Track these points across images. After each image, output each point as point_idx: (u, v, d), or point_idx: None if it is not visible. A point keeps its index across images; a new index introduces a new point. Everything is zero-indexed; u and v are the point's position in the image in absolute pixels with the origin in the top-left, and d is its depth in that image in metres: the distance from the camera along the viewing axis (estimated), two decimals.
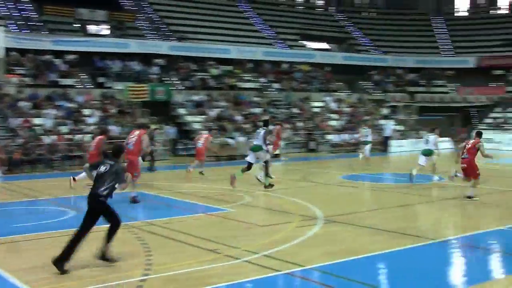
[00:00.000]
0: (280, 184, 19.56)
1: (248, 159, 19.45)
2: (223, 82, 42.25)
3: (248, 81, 44.33)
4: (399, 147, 38.29)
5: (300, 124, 39.31)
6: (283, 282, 8.97)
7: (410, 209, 15.53)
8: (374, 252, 10.45)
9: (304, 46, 54.12)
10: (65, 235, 10.22)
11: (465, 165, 17.01)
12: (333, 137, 38.59)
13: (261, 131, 19.30)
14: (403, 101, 50.20)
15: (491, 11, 66.59)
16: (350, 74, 51.08)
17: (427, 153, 21.27)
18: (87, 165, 17.94)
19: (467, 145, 17.26)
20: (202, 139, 23.03)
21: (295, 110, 41.81)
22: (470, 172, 16.98)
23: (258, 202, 16.36)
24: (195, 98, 38.72)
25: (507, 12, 65.17)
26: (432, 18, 63.38)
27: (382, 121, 41.39)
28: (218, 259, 9.97)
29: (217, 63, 44.30)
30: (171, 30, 46.89)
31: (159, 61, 41.90)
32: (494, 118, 48.08)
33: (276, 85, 45.14)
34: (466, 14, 66.59)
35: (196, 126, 35.49)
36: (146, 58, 41.37)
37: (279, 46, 51.21)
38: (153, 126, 27.63)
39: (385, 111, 46.00)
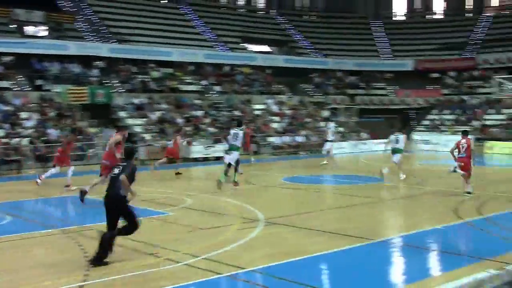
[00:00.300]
0: (224, 187, 19.44)
1: (226, 160, 20.06)
2: (164, 85, 41.91)
3: (190, 83, 44.10)
4: (340, 149, 38.65)
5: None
6: (224, 285, 8.90)
7: (351, 210, 15.67)
8: (315, 253, 10.47)
9: (245, 48, 54.21)
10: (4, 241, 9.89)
11: (463, 163, 17.97)
12: (274, 139, 38.74)
13: (239, 132, 19.61)
14: (343, 104, 50.83)
15: (427, 16, 68.21)
16: (291, 76, 51.42)
17: (398, 151, 22.40)
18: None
19: (460, 145, 18.18)
20: (173, 140, 23.57)
21: (236, 113, 41.78)
22: (466, 168, 18.03)
23: (199, 205, 16.23)
24: (136, 101, 38.28)
25: (442, 17, 66.87)
26: (371, 22, 64.41)
27: (323, 123, 41.71)
28: (158, 263, 9.82)
29: (158, 66, 43.92)
30: (111, 32, 46.25)
31: (99, 63, 41.27)
32: (431, 120, 49.15)
33: (217, 88, 45.05)
34: (403, 18, 68.01)
35: (137, 129, 35.07)
36: (86, 60, 40.66)
37: (221, 49, 51.14)
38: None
39: (325, 113, 46.45)
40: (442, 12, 67.36)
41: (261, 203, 16.42)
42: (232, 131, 19.89)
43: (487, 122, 45.35)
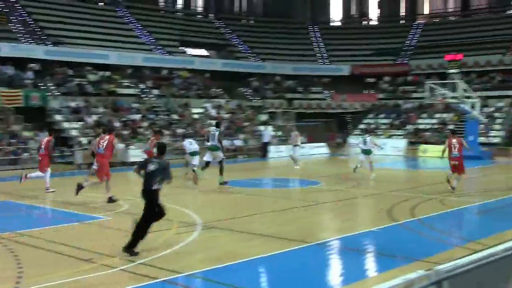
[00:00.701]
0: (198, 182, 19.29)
1: (205, 158, 21.45)
2: (101, 88, 41.29)
3: (127, 87, 43.58)
4: (278, 153, 38.93)
5: (179, 130, 39.06)
6: None
7: (288, 213, 15.75)
8: (252, 256, 10.48)
9: (183, 52, 53.96)
10: None
11: (457, 162, 19.27)
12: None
13: (215, 132, 21.06)
14: (281, 108, 51.16)
15: (363, 22, 69.47)
16: (229, 80, 51.48)
17: (367, 152, 24.33)
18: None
19: (452, 145, 19.44)
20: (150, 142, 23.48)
21: (174, 116, 41.54)
22: (461, 168, 19.46)
23: (136, 210, 15.99)
24: (72, 104, 37.57)
25: (377, 23, 68.22)
26: (309, 27, 65.09)
27: (261, 127, 41.94)
28: (94, 268, 9.63)
29: (95, 69, 43.22)
30: (46, 34, 45.27)
31: (34, 65, 40.31)
32: (367, 123, 49.99)
33: (155, 91, 44.67)
34: (340, 24, 69.05)
35: (74, 133, 34.43)
36: (20, 63, 39.64)
37: (159, 52, 50.76)
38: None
39: (263, 117, 46.67)
40: (377, 18, 68.74)
41: (199, 207, 16.36)
42: (210, 133, 21.13)
43: (420, 126, 46.48)
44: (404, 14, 67.88)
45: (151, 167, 10.81)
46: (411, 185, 22.60)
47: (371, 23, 69.05)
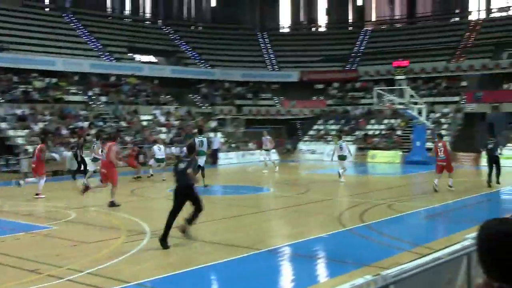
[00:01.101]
0: (107, 199, 19.03)
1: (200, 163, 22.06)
2: (48, 95, 40.59)
3: (75, 94, 42.96)
4: (227, 160, 38.92)
5: (128, 137, 38.72)
6: None
7: (238, 220, 15.76)
8: (202, 264, 10.44)
9: (132, 59, 53.55)
10: None
11: (445, 163, 21.11)
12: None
13: (203, 139, 22.53)
14: (230, 114, 51.22)
15: (311, 29, 70.15)
16: (178, 87, 51.30)
17: (343, 158, 25.51)
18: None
19: (438, 148, 21.28)
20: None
21: (123, 124, 41.13)
22: (449, 167, 21.38)
23: (84, 219, 15.78)
24: (18, 111, 36.80)
25: (325, 29, 68.97)
26: (258, 34, 65.35)
27: (211, 134, 41.86)
28: (40, 279, 9.43)
29: (41, 75, 42.48)
30: None
31: None
32: (317, 130, 50.40)
33: (103, 98, 44.15)
34: (288, 30, 69.57)
35: (19, 141, 33.73)
36: None
37: (107, 59, 50.22)
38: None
39: (213, 124, 46.59)
40: (325, 25, 69.49)
41: (147, 216, 16.22)
42: (197, 140, 21.85)
43: (369, 132, 47.09)
44: (352, 21, 68.83)
45: (182, 165, 12.29)
46: (361, 191, 22.87)
47: (319, 29, 69.78)
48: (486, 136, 25.18)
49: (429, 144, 39.37)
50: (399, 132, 45.50)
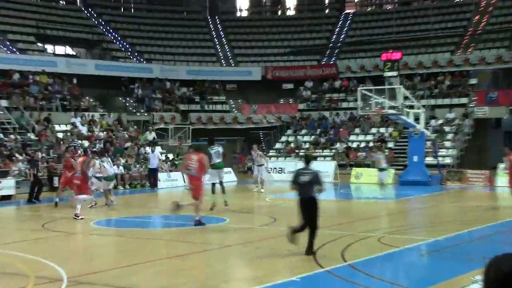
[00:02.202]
0: (10, 236, 18.81)
1: (210, 180, 25.44)
2: None
3: None
4: (170, 182, 38.63)
5: (39, 154, 38.23)
6: None
7: (184, 260, 15.64)
8: None
9: (42, 50, 53.08)
10: None
11: None
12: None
13: (219, 149, 25.70)
14: (173, 123, 51.02)
15: (278, 12, 70.42)
16: (105, 88, 51.03)
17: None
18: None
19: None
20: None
21: (31, 136, 40.61)
22: None
23: None
24: None
25: (293, 13, 69.22)
26: (208, 19, 65.34)
27: (147, 149, 41.61)
28: None
29: None
30: None
31: None
32: (286, 142, 50.43)
33: (3, 102, 43.60)
34: (247, 15, 69.62)
35: None
36: None
37: (8, 50, 49.67)
38: None
39: (150, 136, 46.27)
40: (295, 8, 69.79)
41: (64, 257, 16.00)
42: (212, 151, 25.05)
43: (353, 145, 47.35)
44: (329, 2, 69.27)
45: (305, 178, 15.25)
46: (342, 220, 22.93)
47: (288, 13, 70.15)
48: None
49: (429, 160, 39.75)
50: (390, 145, 45.94)
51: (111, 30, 59.97)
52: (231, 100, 56.89)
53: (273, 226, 21.20)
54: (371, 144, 46.16)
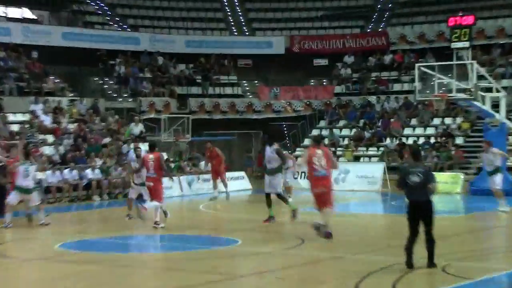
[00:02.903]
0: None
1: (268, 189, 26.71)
2: None
3: None
4: (164, 190, 38.51)
5: None
6: None
7: None
8: None
9: None
10: None
11: None
12: (46, 176, 37.88)
13: (272, 147, 26.61)
14: (167, 111, 50.97)
15: None
16: (76, 64, 51.13)
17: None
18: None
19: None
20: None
21: None
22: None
23: None
24: None
25: None
26: None
27: (131, 146, 41.48)
28: None
29: None
30: None
31: None
32: (319, 136, 50.18)
33: None
34: None
35: None
36: None
37: None
38: None
39: (137, 128, 46.15)
40: None
41: None
42: (269, 150, 26.43)
43: (408, 140, 47.04)
44: None
45: (415, 178, 16.37)
46: (394, 242, 22.76)
47: None
48: None
49: None
50: (459, 141, 45.69)
51: None
52: (244, 82, 56.85)
53: (299, 250, 21.14)
54: (432, 140, 45.90)
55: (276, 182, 26.61)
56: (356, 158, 46.45)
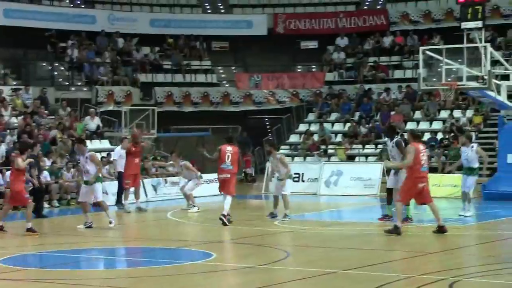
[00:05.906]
0: None
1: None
2: None
3: None
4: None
5: None
6: None
7: None
8: None
9: None
10: None
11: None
12: None
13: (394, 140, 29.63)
14: (129, 102, 50.95)
15: None
16: (19, 47, 51.11)
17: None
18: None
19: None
20: None
21: None
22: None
23: None
24: None
25: None
26: None
27: (88, 143, 41.53)
28: None
29: None
30: None
31: None
32: (307, 133, 50.23)
33: None
34: None
35: None
36: None
37: None
38: None
39: (94, 122, 46.12)
40: None
41: None
42: (389, 144, 29.79)
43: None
44: None
45: None
46: (395, 255, 22.93)
47: None
48: None
49: None
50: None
51: None
52: (219, 68, 56.94)
53: (282, 264, 21.17)
54: (439, 136, 46.03)
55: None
56: (350, 158, 46.50)
